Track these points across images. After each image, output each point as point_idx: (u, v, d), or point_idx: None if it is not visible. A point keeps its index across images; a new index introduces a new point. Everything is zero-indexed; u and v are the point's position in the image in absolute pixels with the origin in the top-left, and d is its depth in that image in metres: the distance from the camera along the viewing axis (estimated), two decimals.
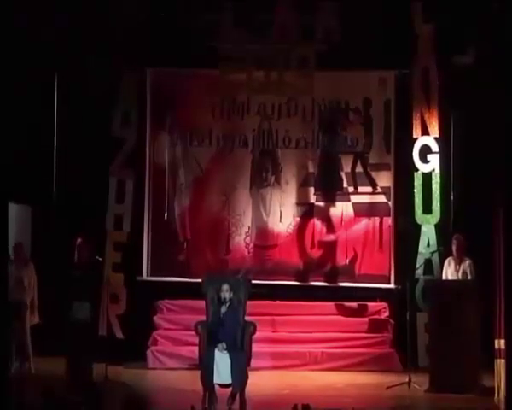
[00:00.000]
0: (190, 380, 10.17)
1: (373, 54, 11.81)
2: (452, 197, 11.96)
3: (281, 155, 12.53)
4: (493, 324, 9.29)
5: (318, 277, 12.39)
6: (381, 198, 12.39)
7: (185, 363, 11.26)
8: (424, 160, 11.82)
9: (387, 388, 10.01)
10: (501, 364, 8.95)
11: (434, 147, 11.81)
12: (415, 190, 11.80)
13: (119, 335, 11.72)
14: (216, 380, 8.72)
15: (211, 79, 12.33)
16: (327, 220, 12.44)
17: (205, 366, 8.78)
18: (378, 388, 10.20)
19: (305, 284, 12.36)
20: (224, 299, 9.06)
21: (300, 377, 10.98)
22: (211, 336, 8.99)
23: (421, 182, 11.80)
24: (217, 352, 8.77)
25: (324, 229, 12.45)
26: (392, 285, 12.22)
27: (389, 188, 12.36)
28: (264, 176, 12.53)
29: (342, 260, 12.38)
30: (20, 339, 10.43)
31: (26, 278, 10.60)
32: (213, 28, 11.94)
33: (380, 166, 12.42)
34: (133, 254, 12.16)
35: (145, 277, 12.40)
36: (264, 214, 12.48)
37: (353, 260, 12.36)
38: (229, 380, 8.71)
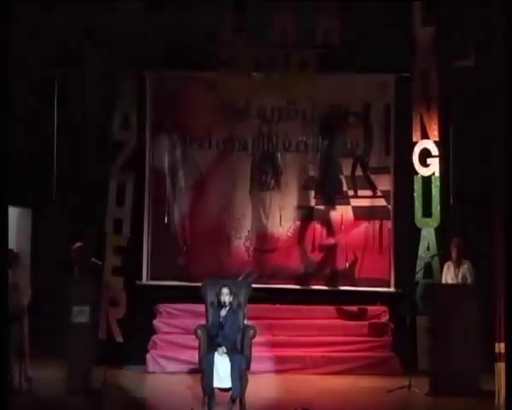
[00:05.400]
0: (190, 384, 10.19)
1: (373, 57, 11.82)
2: (452, 201, 11.95)
3: (281, 158, 12.53)
4: (493, 327, 9.29)
5: (318, 280, 12.38)
6: (381, 202, 12.38)
7: (185, 367, 11.23)
8: (424, 163, 11.80)
9: (388, 391, 10.00)
10: (501, 368, 8.96)
11: (434, 150, 11.79)
12: (414, 194, 11.78)
13: (119, 339, 11.70)
14: (216, 384, 8.72)
15: (210, 81, 12.34)
16: (327, 224, 12.44)
17: (204, 369, 8.78)
18: (378, 391, 10.19)
19: (305, 287, 12.35)
20: (224, 302, 9.07)
21: (300, 381, 10.96)
22: (210, 339, 8.99)
23: (420, 186, 11.78)
24: (216, 356, 8.77)
25: (324, 232, 12.45)
26: (392, 289, 12.21)
27: (389, 191, 12.36)
28: (263, 179, 12.53)
29: (342, 263, 12.37)
30: (19, 343, 10.39)
31: (23, 283, 10.54)
32: (213, 31, 11.94)
33: (379, 170, 12.42)
34: (133, 258, 12.14)
35: (145, 281, 12.39)
36: (263, 218, 12.48)
37: (353, 264, 12.35)
38: (228, 384, 8.71)
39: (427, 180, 11.79)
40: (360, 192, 12.42)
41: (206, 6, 11.81)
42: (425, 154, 11.80)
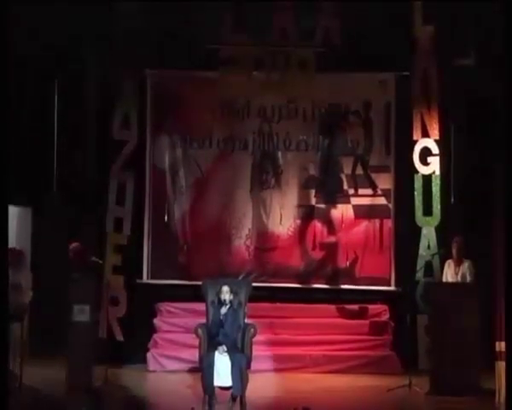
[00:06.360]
0: (191, 383, 10.20)
1: (373, 56, 11.82)
2: (452, 199, 11.95)
3: (281, 157, 12.53)
4: (494, 326, 9.30)
5: (319, 279, 12.39)
6: (382, 200, 12.39)
7: (185, 366, 11.23)
8: (424, 162, 11.80)
9: (388, 390, 10.00)
10: (501, 366, 8.96)
11: (434, 149, 11.79)
12: (415, 193, 11.78)
13: (120, 337, 11.70)
14: (216, 383, 8.73)
15: (211, 81, 12.34)
16: (327, 223, 12.44)
17: (205, 368, 8.78)
18: (378, 390, 10.18)
19: (306, 286, 12.36)
20: (224, 301, 9.08)
21: (301, 379, 10.96)
22: (211, 338, 9.00)
23: (421, 184, 11.78)
24: (217, 354, 8.77)
25: (325, 231, 12.45)
26: (392, 287, 12.21)
27: (389, 190, 12.36)
28: (264, 178, 12.54)
29: (343, 262, 12.37)
30: (20, 342, 10.38)
31: (25, 281, 10.54)
32: (213, 30, 11.94)
33: (380, 169, 12.42)
34: (133, 257, 12.15)
35: (145, 279, 12.39)
36: (264, 217, 12.48)
37: (354, 263, 12.35)
38: (229, 383, 8.72)
39: (427, 179, 11.79)
40: (360, 191, 12.43)
41: (206, 5, 11.80)
42: (425, 152, 11.80)
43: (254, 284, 10.12)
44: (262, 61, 12.09)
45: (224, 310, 9.08)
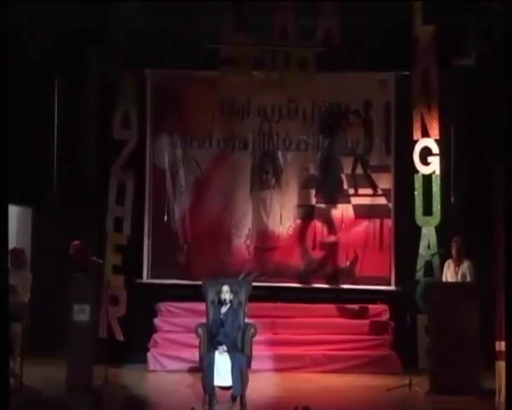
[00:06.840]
0: (191, 382, 10.20)
1: (373, 56, 11.83)
2: (453, 199, 11.96)
3: (281, 157, 12.54)
4: (494, 326, 9.30)
5: (319, 279, 12.39)
6: (382, 200, 12.39)
7: (186, 365, 11.24)
8: (424, 162, 11.80)
9: (388, 390, 10.00)
10: (502, 366, 8.95)
11: (435, 149, 11.80)
12: (415, 192, 11.79)
13: (120, 337, 11.71)
14: (216, 382, 8.74)
15: (211, 80, 12.34)
16: (327, 222, 12.45)
17: (205, 368, 8.79)
18: (379, 390, 10.18)
19: (306, 286, 12.36)
20: (224, 300, 9.08)
21: (301, 379, 10.96)
22: (211, 338, 9.01)
23: (421, 184, 11.79)
24: (217, 354, 8.78)
25: (325, 231, 12.45)
26: (392, 287, 12.22)
27: (389, 190, 12.37)
28: (264, 178, 12.54)
29: (343, 262, 12.37)
30: (19, 341, 10.38)
31: (23, 281, 10.50)
32: (213, 30, 11.94)
33: (380, 168, 12.43)
34: (133, 257, 12.15)
35: (145, 279, 12.39)
36: (264, 216, 12.49)
37: (354, 262, 12.35)
38: (229, 382, 8.73)
39: (427, 178, 11.80)
40: (361, 191, 12.43)
41: (206, 5, 11.80)
42: (425, 152, 11.81)
43: (254, 284, 10.15)
44: (262, 61, 12.10)
45: (224, 310, 9.09)
